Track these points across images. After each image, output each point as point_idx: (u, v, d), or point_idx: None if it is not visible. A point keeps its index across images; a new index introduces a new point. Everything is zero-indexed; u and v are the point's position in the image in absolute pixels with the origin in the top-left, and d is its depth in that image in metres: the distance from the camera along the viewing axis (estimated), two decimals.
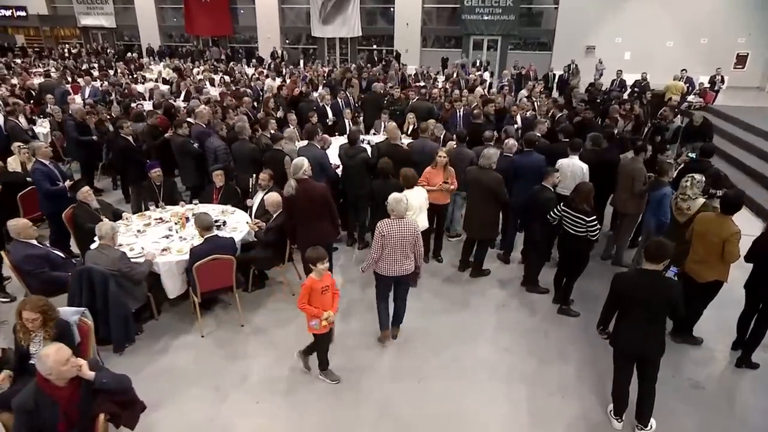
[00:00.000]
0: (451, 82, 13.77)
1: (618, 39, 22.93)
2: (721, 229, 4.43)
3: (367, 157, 6.54)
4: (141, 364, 4.57)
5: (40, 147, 6.68)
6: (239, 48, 27.47)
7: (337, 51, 26.24)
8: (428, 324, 5.31)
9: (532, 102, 10.28)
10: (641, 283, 3.57)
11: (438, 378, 4.52)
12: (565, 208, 5.16)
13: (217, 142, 7.16)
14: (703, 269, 4.63)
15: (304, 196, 4.92)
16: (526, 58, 21.58)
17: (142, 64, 22.13)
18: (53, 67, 19.56)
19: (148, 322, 5.18)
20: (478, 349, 4.93)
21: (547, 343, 5.04)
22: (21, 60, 23.13)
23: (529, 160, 6.12)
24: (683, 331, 5.10)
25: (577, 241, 5.17)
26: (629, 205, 6.13)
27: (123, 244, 5.21)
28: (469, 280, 6.20)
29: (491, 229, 5.94)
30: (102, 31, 29.56)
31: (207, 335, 5.05)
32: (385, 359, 4.77)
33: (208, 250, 4.79)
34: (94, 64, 21.50)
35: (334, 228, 5.25)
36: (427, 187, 5.97)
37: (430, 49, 24.43)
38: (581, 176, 5.99)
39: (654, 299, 3.53)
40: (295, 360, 4.63)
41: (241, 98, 10.03)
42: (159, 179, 6.56)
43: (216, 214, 6.12)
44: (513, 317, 5.48)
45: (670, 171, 5.71)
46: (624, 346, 3.79)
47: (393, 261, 4.51)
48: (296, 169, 4.92)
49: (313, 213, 5.00)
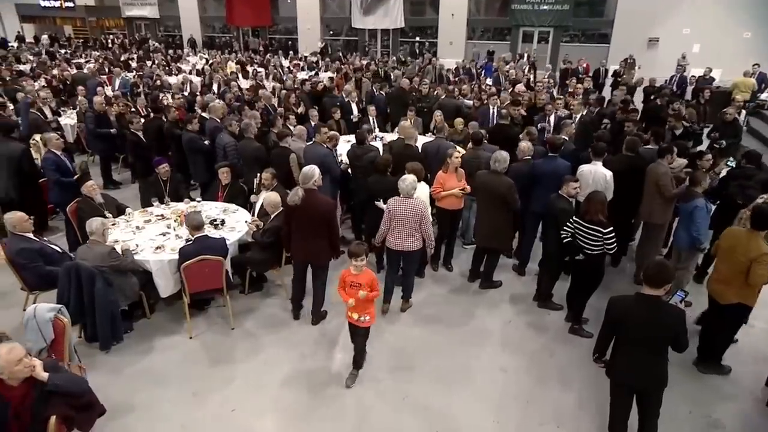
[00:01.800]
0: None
1: (686, 30, 21.82)
2: (749, 248, 4.20)
3: (375, 156, 6.51)
4: (124, 363, 4.76)
5: (52, 138, 7.05)
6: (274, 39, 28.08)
7: (378, 43, 26.33)
8: (424, 334, 5.27)
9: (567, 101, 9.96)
10: (639, 310, 3.37)
11: (424, 395, 4.46)
12: (578, 220, 4.96)
13: (227, 139, 7.33)
14: (725, 290, 4.42)
15: (306, 207, 4.89)
16: (579, 51, 20.91)
17: (180, 55, 22.98)
18: (93, 58, 20.65)
19: (139, 321, 5.37)
20: (473, 366, 4.83)
21: (551, 364, 4.88)
22: (64, 50, 24.50)
23: (550, 166, 5.92)
24: (710, 359, 4.82)
25: (592, 256, 4.97)
26: (655, 215, 5.85)
27: (119, 240, 5.44)
28: (478, 291, 6.09)
29: (501, 238, 5.80)
30: (145, 22, 30.92)
31: (195, 337, 5.19)
32: (371, 370, 4.75)
33: (196, 250, 4.92)
34: (134, 55, 22.48)
35: (332, 249, 5.19)
36: (444, 193, 5.92)
37: (476, 42, 24.09)
38: (603, 185, 5.74)
39: (653, 328, 3.33)
40: (280, 367, 4.70)
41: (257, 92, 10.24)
42: (166, 175, 6.79)
43: (217, 212, 6.30)
44: (518, 334, 5.33)
45: (703, 180, 5.37)
46: (620, 378, 3.60)
47: (398, 236, 5.15)
48: (306, 178, 4.90)
49: (311, 228, 4.97)
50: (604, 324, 3.65)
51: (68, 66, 17.90)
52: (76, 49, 24.90)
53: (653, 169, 5.75)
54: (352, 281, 4.25)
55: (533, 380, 4.66)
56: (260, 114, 9.14)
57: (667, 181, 5.67)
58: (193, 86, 13.91)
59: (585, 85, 11.66)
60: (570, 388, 4.56)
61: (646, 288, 3.37)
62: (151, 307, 5.50)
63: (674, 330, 3.30)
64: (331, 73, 16.30)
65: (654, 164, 5.77)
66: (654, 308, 3.33)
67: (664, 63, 19.50)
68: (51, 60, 19.89)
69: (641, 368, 3.46)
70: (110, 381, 4.46)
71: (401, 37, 25.76)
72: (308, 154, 6.56)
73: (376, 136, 7.72)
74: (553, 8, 21.88)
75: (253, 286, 6.00)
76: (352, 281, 4.25)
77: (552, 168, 5.86)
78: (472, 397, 4.46)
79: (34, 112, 9.05)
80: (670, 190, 5.67)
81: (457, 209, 6.13)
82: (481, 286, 6.12)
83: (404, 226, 5.08)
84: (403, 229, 5.11)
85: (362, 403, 4.37)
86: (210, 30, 30.14)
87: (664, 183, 5.66)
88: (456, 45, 23.52)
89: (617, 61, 18.85)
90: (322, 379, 4.65)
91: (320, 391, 4.50)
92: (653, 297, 3.34)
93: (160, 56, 21.44)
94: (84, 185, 6.09)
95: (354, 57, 21.32)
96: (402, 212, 5.04)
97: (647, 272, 3.36)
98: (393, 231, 5.17)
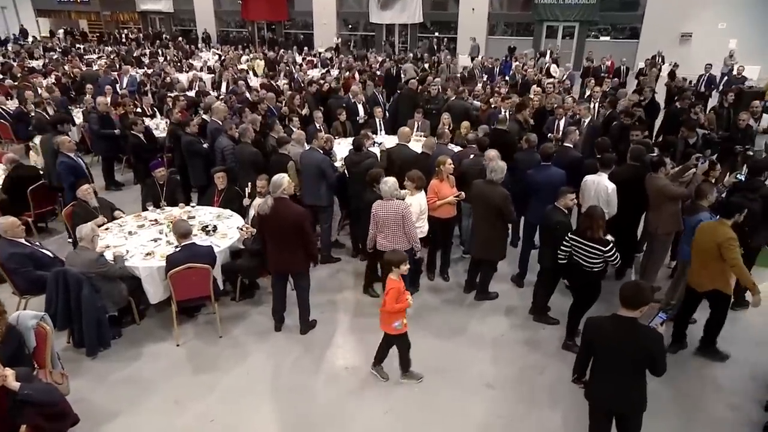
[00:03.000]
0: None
1: (722, 24, 21.45)
2: (716, 234, 4.64)
3: (373, 164, 6.63)
4: (109, 370, 4.97)
5: (64, 141, 7.37)
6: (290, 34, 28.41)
7: (396, 38, 26.47)
8: (412, 346, 5.32)
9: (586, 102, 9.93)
10: (614, 332, 3.42)
11: (406, 409, 4.56)
12: (577, 237, 4.98)
13: (225, 142, 7.53)
14: (701, 279, 4.91)
15: (276, 217, 5.02)
16: (606, 48, 20.70)
17: (192, 51, 23.41)
18: (105, 54, 21.19)
19: (129, 327, 5.59)
20: (457, 382, 4.91)
21: (539, 381, 4.93)
22: (77, 46, 25.14)
23: (544, 175, 5.96)
24: (706, 346, 5.24)
25: (588, 274, 5.01)
26: (661, 226, 5.85)
27: (110, 246, 5.67)
28: (473, 303, 6.16)
29: (495, 250, 5.85)
30: (159, 16, 31.61)
31: (182, 344, 5.38)
32: (352, 382, 4.89)
33: (183, 258, 5.11)
34: (146, 51, 23.00)
35: (306, 257, 5.30)
36: (439, 202, 6.01)
37: (497, 38, 24.04)
38: (605, 198, 5.73)
39: (628, 350, 3.37)
40: (263, 377, 4.86)
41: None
42: (163, 178, 7.03)
43: (211, 218, 6.49)
44: (509, 349, 5.39)
45: (709, 194, 5.34)
46: (596, 402, 3.66)
47: (385, 237, 5.40)
48: (275, 186, 5.04)
49: (283, 237, 5.08)
50: (581, 345, 3.71)
51: (80, 62, 18.45)
52: (90, 45, 25.53)
53: (652, 184, 5.76)
54: (402, 287, 4.48)
55: (519, 398, 4.72)
56: (263, 116, 9.35)
57: (671, 190, 5.67)
58: (201, 85, 14.24)
59: (604, 87, 11.53)
60: (556, 407, 4.61)
61: (622, 309, 3.41)
62: (141, 313, 5.72)
63: (650, 353, 3.34)
64: (344, 71, 16.42)
65: (649, 177, 5.77)
66: (629, 330, 3.37)
67: (696, 61, 19.15)
68: (64, 56, 20.48)
69: (617, 391, 3.49)
70: (93, 387, 4.68)
71: (420, 32, 25.85)
72: (305, 160, 6.71)
73: (374, 141, 7.80)
74: (579, 2, 21.72)
75: (245, 293, 6.18)
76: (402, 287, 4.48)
77: (545, 177, 5.90)
78: (454, 413, 4.54)
79: (39, 111, 9.40)
80: (680, 190, 5.70)
81: (451, 217, 6.21)
82: (476, 297, 6.19)
83: (389, 229, 5.36)
84: (388, 231, 5.40)
85: (343, 415, 4.50)
86: (225, 25, 30.68)
87: (670, 192, 5.67)
88: (477, 41, 23.51)
89: (647, 59, 18.55)
90: (305, 390, 4.79)
91: (301, 402, 4.65)
92: (629, 319, 3.38)
93: (172, 52, 21.88)
94: (79, 189, 6.34)
95: (372, 55, 21.32)
96: (385, 214, 5.32)
97: (623, 293, 3.41)
98: (380, 234, 5.47)
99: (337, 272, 6.82)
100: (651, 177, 5.84)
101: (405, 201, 5.51)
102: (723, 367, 5.13)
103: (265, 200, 5.09)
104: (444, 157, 6.10)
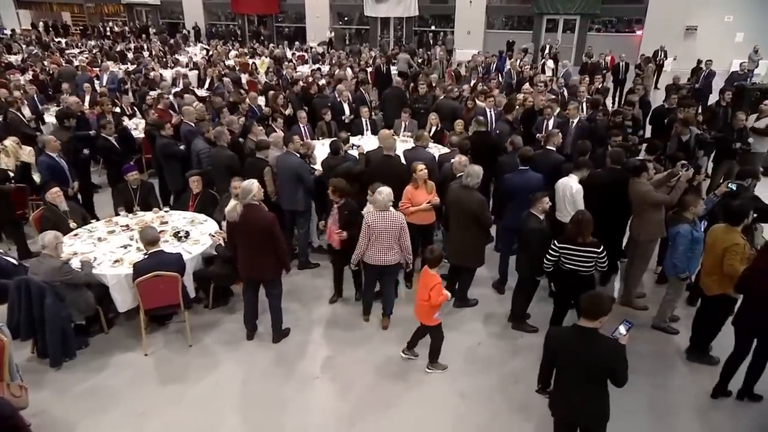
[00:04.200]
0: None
1: (728, 17, 21.55)
2: (725, 240, 4.81)
3: (349, 168, 6.74)
4: (73, 381, 5.07)
5: (50, 141, 7.52)
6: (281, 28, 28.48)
7: (391, 32, 26.57)
8: (375, 357, 5.47)
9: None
10: (574, 343, 3.53)
11: (374, 421, 4.67)
12: (567, 245, 5.06)
13: (201, 145, 7.63)
14: (710, 282, 5.05)
15: (245, 223, 5.14)
16: (608, 42, 20.82)
17: (178, 45, 23.43)
18: (87, 49, 21.26)
19: (96, 336, 5.70)
20: (430, 390, 5.03)
21: (514, 391, 5.04)
22: (57, 39, 25.14)
23: (521, 180, 6.09)
24: (698, 350, 5.43)
25: (584, 278, 5.13)
26: (643, 232, 5.97)
27: (78, 252, 5.78)
28: (452, 310, 6.25)
29: (473, 256, 5.96)
30: (146, 8, 31.70)
31: (151, 354, 5.49)
32: (322, 392, 5.03)
33: (150, 265, 5.22)
34: (131, 45, 23.07)
35: (278, 263, 5.43)
36: (413, 209, 6.12)
37: (496, 32, 24.14)
38: (570, 200, 5.89)
39: (587, 361, 3.48)
40: (232, 388, 4.99)
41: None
42: (136, 182, 7.12)
43: (184, 223, 6.60)
44: (485, 357, 5.51)
45: (693, 206, 5.40)
46: (558, 413, 3.78)
47: (377, 250, 5.50)
48: (245, 193, 5.15)
49: (253, 244, 5.20)
50: (543, 355, 3.82)
51: (61, 57, 18.51)
52: (73, 39, 25.58)
53: (634, 190, 5.87)
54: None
55: (492, 408, 4.84)
56: (245, 116, 9.44)
57: (653, 196, 5.77)
58: (186, 82, 14.33)
59: (597, 84, 11.62)
60: (529, 417, 4.71)
61: (582, 320, 3.52)
62: (110, 322, 5.83)
63: (610, 364, 3.45)
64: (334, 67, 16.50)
65: (632, 183, 5.88)
66: (589, 341, 3.48)
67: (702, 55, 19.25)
68: (44, 51, 20.55)
69: (578, 403, 3.61)
70: (55, 400, 4.79)
71: (417, 25, 25.95)
72: (281, 164, 6.81)
73: (353, 144, 7.90)
74: None
75: (218, 300, 6.29)
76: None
77: (523, 182, 6.02)
78: (423, 423, 4.66)
79: (12, 111, 9.49)
80: (662, 197, 5.78)
81: (429, 223, 6.31)
82: (455, 305, 6.28)
83: (384, 240, 5.47)
84: (382, 243, 5.48)
85: (312, 425, 4.62)
86: (215, 18, 30.76)
87: (651, 198, 5.77)
88: (474, 35, 23.62)
89: (650, 53, 18.61)
90: (274, 400, 4.90)
91: (270, 412, 4.75)
92: (589, 329, 3.49)
93: (157, 46, 21.92)
94: (48, 192, 6.44)
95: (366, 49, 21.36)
96: (382, 226, 5.41)
97: (582, 303, 3.52)
98: (372, 246, 5.52)
99: (314, 278, 6.93)
100: (633, 182, 5.94)
101: (395, 211, 5.61)
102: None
103: (234, 207, 5.19)
104: (417, 164, 6.17)
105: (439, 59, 16.50)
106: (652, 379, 5.18)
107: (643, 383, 5.07)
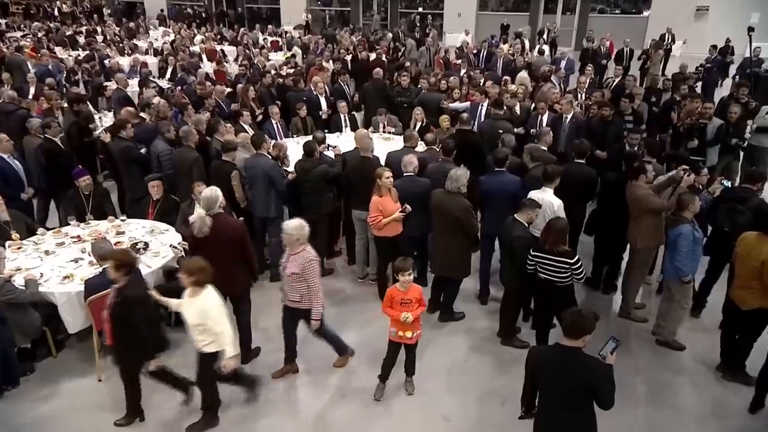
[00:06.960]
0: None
1: None
2: (761, 251, 4.97)
3: (325, 171, 6.85)
4: (15, 411, 5.13)
5: (2, 140, 7.44)
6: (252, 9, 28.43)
7: (375, 14, 26.69)
8: (368, 371, 5.58)
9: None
10: (556, 363, 3.71)
11: None
12: (538, 253, 5.30)
13: (162, 146, 7.68)
14: (745, 295, 5.21)
15: (215, 235, 5.24)
16: (612, 24, 21.07)
17: (137, 26, 23.28)
18: (32, 32, 21.00)
19: (44, 361, 5.76)
20: (412, 413, 5.19)
21: (500, 413, 5.20)
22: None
23: (496, 183, 6.32)
24: (733, 367, 5.57)
25: (561, 289, 5.34)
26: (640, 239, 6.18)
27: (22, 268, 5.84)
28: (437, 324, 6.43)
29: (457, 266, 6.14)
30: None
31: (106, 380, 5.53)
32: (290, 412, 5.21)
33: (102, 282, 5.29)
34: (81, 29, 22.91)
35: (248, 274, 5.56)
36: (384, 221, 6.21)
37: (489, 13, 24.36)
38: (552, 216, 5.89)
39: (569, 382, 3.66)
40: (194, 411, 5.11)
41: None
42: (88, 189, 7.18)
43: (143, 233, 6.69)
44: (472, 376, 5.68)
45: (691, 204, 5.64)
46: None
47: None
48: (209, 203, 5.25)
49: (222, 256, 5.24)
50: (525, 376, 4.01)
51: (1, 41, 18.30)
52: (14, 20, 25.21)
53: (631, 193, 6.09)
54: (402, 298, 4.94)
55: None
56: (212, 112, 9.46)
57: (650, 201, 5.98)
58: (145, 72, 14.27)
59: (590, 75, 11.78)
60: None
61: (565, 339, 3.70)
62: (60, 344, 5.91)
63: (593, 385, 3.61)
64: None
65: (629, 186, 6.09)
66: (571, 361, 3.66)
67: (713, 38, 19.51)
68: None
69: (563, 424, 3.79)
70: None
71: (404, 6, 26.10)
72: (251, 167, 6.93)
73: (329, 145, 8.03)
74: None
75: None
76: (402, 298, 4.94)
77: (498, 185, 6.26)
78: None
79: None
80: (660, 202, 5.99)
81: (396, 235, 6.40)
82: (440, 318, 6.47)
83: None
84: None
85: None
86: None
87: (648, 203, 5.98)
88: (465, 17, 23.80)
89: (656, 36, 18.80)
90: (240, 423, 5.05)
91: None
92: (572, 348, 3.67)
93: (113, 30, 21.82)
94: None
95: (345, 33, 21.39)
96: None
97: (564, 321, 3.71)
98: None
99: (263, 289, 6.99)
100: (630, 185, 6.16)
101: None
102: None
103: (202, 219, 5.23)
104: (381, 170, 6.22)
105: (427, 45, 16.64)
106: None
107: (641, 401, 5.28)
